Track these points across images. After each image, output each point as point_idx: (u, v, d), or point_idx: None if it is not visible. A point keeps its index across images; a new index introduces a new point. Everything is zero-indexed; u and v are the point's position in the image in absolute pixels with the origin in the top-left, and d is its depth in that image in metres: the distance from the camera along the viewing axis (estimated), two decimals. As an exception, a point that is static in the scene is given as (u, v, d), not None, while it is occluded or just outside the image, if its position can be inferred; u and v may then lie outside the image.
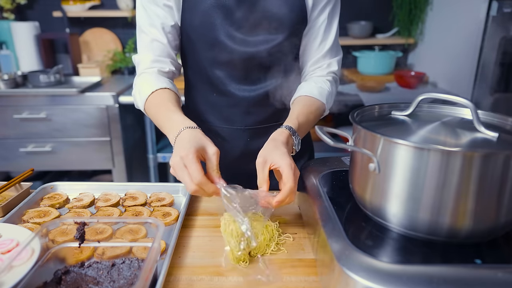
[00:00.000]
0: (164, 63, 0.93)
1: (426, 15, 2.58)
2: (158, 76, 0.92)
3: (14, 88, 2.19)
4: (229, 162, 0.76)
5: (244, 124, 1.01)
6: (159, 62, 0.93)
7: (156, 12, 0.90)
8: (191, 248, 0.75)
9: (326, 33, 0.96)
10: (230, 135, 1.02)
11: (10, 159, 2.21)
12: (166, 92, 0.88)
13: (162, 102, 0.85)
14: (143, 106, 0.90)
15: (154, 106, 0.87)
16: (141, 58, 0.94)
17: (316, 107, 0.93)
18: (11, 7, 2.56)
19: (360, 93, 2.23)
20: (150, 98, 0.88)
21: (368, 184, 0.62)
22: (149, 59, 0.92)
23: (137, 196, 0.92)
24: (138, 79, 0.94)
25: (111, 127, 2.18)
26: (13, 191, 0.94)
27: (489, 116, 0.67)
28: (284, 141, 0.79)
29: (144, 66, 0.94)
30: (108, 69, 2.60)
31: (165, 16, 0.90)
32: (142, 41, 0.94)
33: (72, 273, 0.65)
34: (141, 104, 0.91)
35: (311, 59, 0.99)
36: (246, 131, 1.02)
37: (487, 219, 0.55)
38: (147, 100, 0.88)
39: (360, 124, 0.62)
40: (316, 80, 0.98)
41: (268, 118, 1.02)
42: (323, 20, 0.95)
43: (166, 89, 0.89)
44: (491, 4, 1.86)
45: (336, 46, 1.00)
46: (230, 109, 0.99)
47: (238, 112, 1.00)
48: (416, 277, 0.50)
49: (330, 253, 0.57)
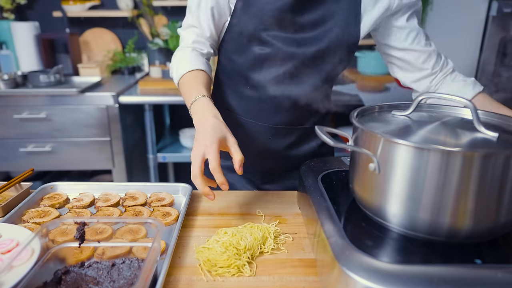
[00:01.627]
0: (204, 45, 0.97)
1: (426, 15, 2.58)
2: (197, 55, 0.97)
3: (14, 88, 2.19)
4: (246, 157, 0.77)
5: (270, 122, 1.01)
6: (198, 43, 0.97)
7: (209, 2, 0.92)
8: (191, 248, 0.75)
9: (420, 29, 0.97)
10: (253, 130, 1.03)
11: (10, 159, 2.21)
12: (201, 74, 0.93)
13: (194, 83, 0.90)
14: (177, 81, 0.95)
15: (186, 84, 0.91)
16: (185, 35, 0.99)
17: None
18: (11, 7, 2.56)
19: (360, 93, 2.23)
20: (185, 76, 0.93)
21: (368, 184, 0.62)
22: (191, 39, 0.97)
23: (137, 196, 0.92)
24: (178, 54, 0.98)
25: (111, 127, 2.18)
26: (13, 191, 0.94)
27: (489, 116, 0.67)
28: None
29: (185, 43, 0.98)
30: (108, 69, 2.60)
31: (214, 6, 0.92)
32: (189, 19, 0.97)
33: (72, 273, 0.65)
34: (176, 79, 0.96)
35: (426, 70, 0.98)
36: (270, 129, 1.02)
37: (487, 219, 0.55)
38: (182, 77, 0.93)
39: (360, 124, 0.62)
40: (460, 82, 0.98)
41: (294, 120, 1.01)
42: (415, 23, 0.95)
43: (201, 71, 0.93)
44: (491, 4, 1.86)
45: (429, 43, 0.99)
46: (259, 104, 1.00)
47: (267, 109, 1.00)
48: (416, 277, 0.50)
49: (330, 253, 0.57)
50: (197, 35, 0.96)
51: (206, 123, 0.78)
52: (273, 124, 1.01)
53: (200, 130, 0.78)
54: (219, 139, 0.75)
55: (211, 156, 0.73)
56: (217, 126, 0.77)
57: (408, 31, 0.95)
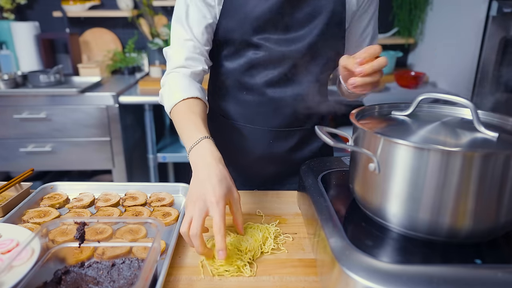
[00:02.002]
0: (198, 62, 0.90)
1: (426, 15, 2.58)
2: (191, 81, 0.89)
3: (14, 88, 2.19)
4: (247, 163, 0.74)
5: (269, 125, 1.00)
6: (192, 60, 0.90)
7: (196, 8, 0.88)
8: (191, 248, 0.75)
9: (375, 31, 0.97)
10: (253, 135, 1.01)
11: (10, 159, 2.21)
12: (196, 103, 0.86)
13: (191, 118, 0.82)
14: (169, 111, 0.88)
15: (181, 114, 0.85)
16: (174, 53, 0.91)
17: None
18: (11, 7, 2.56)
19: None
20: (178, 106, 0.85)
21: (368, 184, 0.62)
22: (182, 56, 0.89)
23: (137, 196, 0.92)
24: (170, 78, 0.90)
25: (111, 127, 2.18)
26: (13, 191, 0.94)
27: (489, 116, 0.67)
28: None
29: (176, 63, 0.90)
30: (108, 69, 2.60)
31: (204, 14, 0.89)
32: (176, 35, 0.91)
33: (72, 273, 0.65)
34: (168, 109, 0.88)
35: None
36: (270, 132, 1.00)
37: (487, 219, 0.55)
38: (175, 106, 0.86)
39: (360, 124, 0.62)
40: None
41: (293, 122, 1.00)
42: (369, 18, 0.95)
43: (196, 99, 0.86)
44: (491, 4, 1.86)
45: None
46: (257, 108, 0.98)
47: (265, 112, 0.98)
48: (416, 277, 0.50)
49: (330, 253, 0.57)
50: (190, 51, 0.89)
51: (211, 172, 0.70)
52: (273, 127, 1.00)
53: (204, 180, 0.70)
54: (225, 195, 0.69)
55: (217, 216, 0.66)
56: (223, 178, 0.70)
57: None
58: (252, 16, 0.88)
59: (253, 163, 0.96)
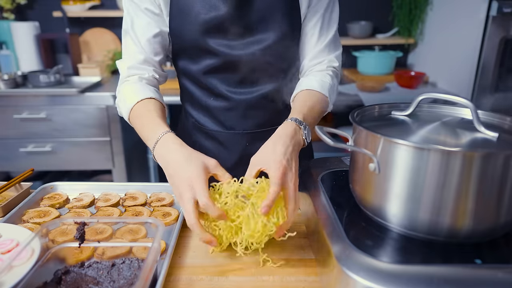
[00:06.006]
0: (143, 70, 0.91)
1: (426, 15, 2.58)
2: (143, 84, 0.90)
3: (14, 88, 2.19)
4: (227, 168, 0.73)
5: (242, 128, 0.99)
6: (136, 69, 0.91)
7: (140, 18, 0.89)
8: (191, 248, 0.75)
9: (325, 26, 0.95)
10: (228, 140, 1.01)
11: (10, 159, 2.21)
12: (152, 103, 0.86)
13: (149, 116, 0.83)
14: (127, 115, 0.88)
15: (138, 116, 0.85)
16: (121, 64, 0.93)
17: (318, 100, 0.90)
18: (11, 7, 2.56)
19: (360, 93, 2.23)
20: (134, 109, 0.86)
21: (368, 184, 0.62)
22: (125, 66, 0.91)
23: (137, 196, 0.92)
24: (122, 87, 0.91)
25: (111, 127, 2.18)
26: (13, 191, 0.94)
27: (489, 116, 0.67)
28: (290, 135, 0.76)
29: (123, 73, 0.92)
30: (108, 69, 2.60)
31: (149, 23, 0.89)
32: (124, 47, 0.93)
33: (72, 273, 0.65)
34: (125, 114, 0.89)
35: (309, 54, 0.97)
36: (244, 135, 1.00)
37: (487, 219, 0.55)
38: (132, 110, 0.87)
39: (360, 124, 0.62)
40: (316, 74, 0.96)
41: (266, 121, 1.00)
42: (321, 12, 0.93)
43: (151, 99, 0.87)
44: (491, 4, 1.86)
45: (335, 40, 0.98)
46: (227, 112, 0.98)
47: (235, 116, 0.98)
48: (416, 277, 0.50)
49: (330, 253, 0.57)
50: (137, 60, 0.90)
51: (177, 157, 0.71)
52: (246, 130, 0.99)
53: (175, 168, 0.70)
54: (199, 172, 0.68)
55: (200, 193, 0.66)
56: (188, 157, 0.70)
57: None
58: (199, 21, 0.88)
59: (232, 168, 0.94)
